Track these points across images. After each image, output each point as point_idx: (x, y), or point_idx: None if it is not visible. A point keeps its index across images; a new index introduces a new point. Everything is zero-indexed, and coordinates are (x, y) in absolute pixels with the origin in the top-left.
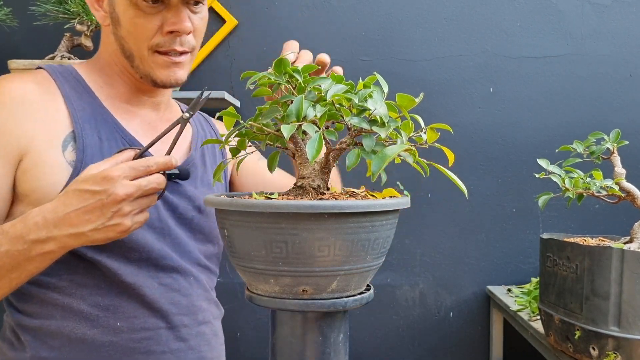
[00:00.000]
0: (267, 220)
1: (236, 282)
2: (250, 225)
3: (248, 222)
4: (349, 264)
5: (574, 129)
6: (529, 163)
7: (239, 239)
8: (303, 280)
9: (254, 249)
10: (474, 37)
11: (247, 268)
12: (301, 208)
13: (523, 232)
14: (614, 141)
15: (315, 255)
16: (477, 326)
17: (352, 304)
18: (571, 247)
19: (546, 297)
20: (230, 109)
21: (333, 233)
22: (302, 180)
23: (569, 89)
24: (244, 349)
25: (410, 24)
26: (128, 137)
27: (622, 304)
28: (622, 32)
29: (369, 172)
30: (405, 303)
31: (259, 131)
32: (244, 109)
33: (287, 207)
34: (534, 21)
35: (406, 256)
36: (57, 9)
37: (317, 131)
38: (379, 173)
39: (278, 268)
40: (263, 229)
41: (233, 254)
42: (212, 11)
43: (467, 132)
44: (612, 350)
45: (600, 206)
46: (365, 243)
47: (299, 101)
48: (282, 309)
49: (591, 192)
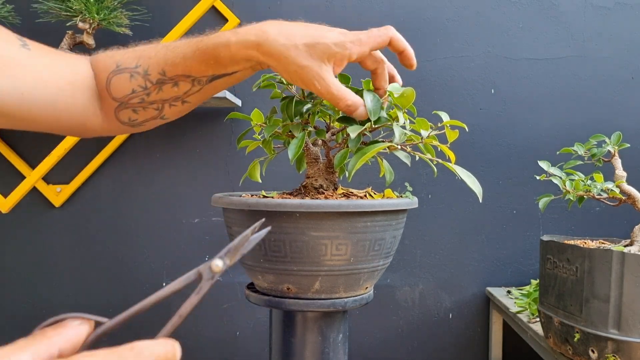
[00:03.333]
0: (269, 220)
1: (236, 281)
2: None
3: (250, 222)
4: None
5: (575, 131)
6: (530, 165)
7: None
8: (287, 279)
9: (254, 249)
10: (476, 38)
11: (252, 267)
12: (296, 207)
13: (523, 234)
14: (615, 144)
15: (317, 254)
16: (477, 327)
17: (351, 304)
18: (571, 250)
19: (546, 299)
20: (241, 115)
21: (331, 231)
22: (306, 180)
23: (570, 91)
24: (244, 348)
25: (412, 25)
26: None
27: (622, 306)
28: (624, 34)
29: (382, 173)
30: (405, 304)
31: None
32: (245, 108)
33: (284, 206)
34: (536, 23)
35: (406, 257)
36: (59, 7)
37: (304, 131)
38: (354, 170)
39: (277, 267)
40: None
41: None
42: (215, 10)
43: (468, 134)
44: (611, 353)
45: (601, 209)
46: (365, 243)
47: (292, 103)
48: (276, 308)
49: (592, 194)
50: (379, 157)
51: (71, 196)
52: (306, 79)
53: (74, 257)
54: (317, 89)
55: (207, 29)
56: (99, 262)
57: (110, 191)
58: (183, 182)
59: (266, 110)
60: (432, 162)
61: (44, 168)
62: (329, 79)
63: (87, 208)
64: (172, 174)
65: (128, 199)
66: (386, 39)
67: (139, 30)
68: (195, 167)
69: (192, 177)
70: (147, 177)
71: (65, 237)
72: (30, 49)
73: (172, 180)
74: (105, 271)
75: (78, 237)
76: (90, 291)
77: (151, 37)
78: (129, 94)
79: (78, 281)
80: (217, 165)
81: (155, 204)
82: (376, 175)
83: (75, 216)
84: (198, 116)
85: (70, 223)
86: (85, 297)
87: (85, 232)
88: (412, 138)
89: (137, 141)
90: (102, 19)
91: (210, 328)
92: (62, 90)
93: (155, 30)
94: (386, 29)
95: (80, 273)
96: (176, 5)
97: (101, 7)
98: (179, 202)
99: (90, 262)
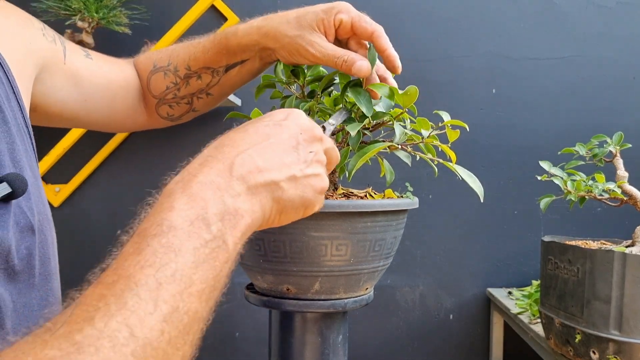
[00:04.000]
0: None
1: (236, 282)
2: None
3: None
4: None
5: (577, 131)
6: (531, 165)
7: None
8: (287, 280)
9: (254, 249)
10: (477, 38)
11: (252, 267)
12: None
13: (524, 235)
14: (617, 144)
15: (317, 255)
16: (478, 328)
17: (351, 304)
18: (573, 250)
19: (547, 300)
20: (241, 115)
21: (331, 232)
22: None
23: (572, 91)
24: (243, 349)
25: (413, 25)
26: None
27: (623, 307)
28: (626, 34)
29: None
30: (405, 304)
31: None
32: (245, 107)
33: None
34: (537, 23)
35: (406, 257)
36: (58, 6)
37: None
38: (354, 170)
39: (277, 267)
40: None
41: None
42: (214, 9)
43: (469, 134)
44: (612, 354)
45: (602, 209)
46: (365, 244)
47: (291, 102)
48: (276, 309)
49: (593, 195)
50: (379, 157)
51: (70, 196)
52: (300, 47)
53: (72, 258)
54: (312, 55)
55: (206, 27)
56: (97, 262)
57: (109, 191)
58: None
59: (266, 109)
60: (433, 162)
61: (43, 168)
62: (322, 42)
63: (86, 208)
64: (171, 174)
65: (127, 199)
66: (374, 24)
67: (138, 29)
68: None
69: None
70: (146, 176)
71: (63, 237)
72: (92, 58)
73: None
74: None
75: (77, 237)
76: None
77: (150, 36)
78: (164, 90)
79: (77, 282)
80: None
81: None
82: (376, 175)
83: (74, 216)
84: (197, 116)
85: (69, 223)
86: None
87: (84, 232)
88: (413, 138)
89: (136, 141)
90: (102, 17)
91: (209, 329)
92: (117, 94)
93: (155, 29)
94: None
95: (79, 273)
96: (175, 4)
97: (100, 6)
98: None
99: (89, 262)
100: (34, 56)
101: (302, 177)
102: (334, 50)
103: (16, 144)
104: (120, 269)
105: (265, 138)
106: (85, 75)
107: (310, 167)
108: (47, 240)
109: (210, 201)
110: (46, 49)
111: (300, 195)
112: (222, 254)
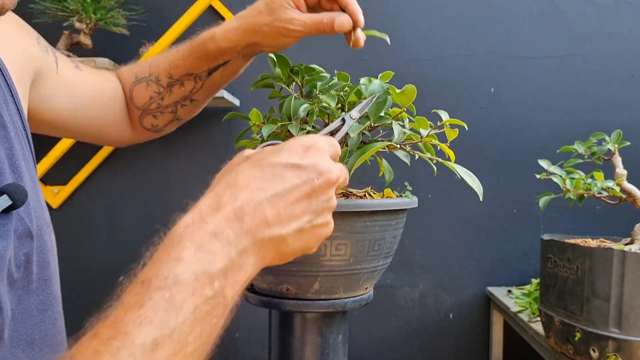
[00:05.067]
0: None
1: None
2: None
3: None
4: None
5: (576, 130)
6: (530, 163)
7: None
8: (286, 280)
9: None
10: (476, 36)
11: None
12: None
13: (524, 233)
14: (616, 142)
15: (316, 255)
16: (477, 327)
17: (351, 304)
18: (572, 249)
19: (546, 299)
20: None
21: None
22: None
23: (570, 89)
24: (243, 349)
25: (412, 24)
26: None
27: (622, 305)
28: (624, 32)
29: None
30: (405, 304)
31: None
32: (243, 107)
33: None
34: (536, 21)
35: (406, 257)
36: (55, 7)
37: (302, 131)
38: (353, 169)
39: (276, 267)
40: None
41: None
42: (212, 10)
43: (468, 132)
44: (612, 352)
45: (601, 207)
46: (365, 243)
47: (290, 102)
48: (275, 309)
49: (592, 193)
50: (378, 156)
51: (68, 197)
52: (281, 29)
53: (71, 259)
54: (295, 30)
55: (204, 28)
56: (96, 263)
57: (108, 192)
58: (181, 182)
59: (264, 109)
60: (432, 161)
61: (41, 169)
62: (299, 16)
63: (85, 209)
64: (170, 175)
65: (125, 200)
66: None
67: (136, 30)
68: (193, 167)
69: (190, 178)
70: (145, 178)
71: (62, 238)
72: (82, 70)
73: (170, 181)
74: (103, 273)
75: (75, 239)
76: (88, 292)
77: (148, 37)
78: (148, 100)
79: (76, 282)
80: (215, 165)
81: (153, 205)
82: (376, 174)
83: (73, 217)
84: (196, 116)
85: (67, 224)
86: (82, 299)
87: (83, 233)
88: (412, 137)
89: None
90: (99, 19)
91: None
92: (106, 105)
93: (153, 30)
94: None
95: (78, 274)
96: (173, 5)
97: (98, 7)
98: (177, 203)
99: (87, 263)
100: (30, 62)
101: (309, 228)
102: (312, 18)
103: (15, 149)
104: (119, 323)
105: (281, 183)
106: (76, 85)
107: (320, 217)
108: (45, 245)
109: (217, 255)
110: (41, 57)
111: (304, 246)
112: (220, 309)
